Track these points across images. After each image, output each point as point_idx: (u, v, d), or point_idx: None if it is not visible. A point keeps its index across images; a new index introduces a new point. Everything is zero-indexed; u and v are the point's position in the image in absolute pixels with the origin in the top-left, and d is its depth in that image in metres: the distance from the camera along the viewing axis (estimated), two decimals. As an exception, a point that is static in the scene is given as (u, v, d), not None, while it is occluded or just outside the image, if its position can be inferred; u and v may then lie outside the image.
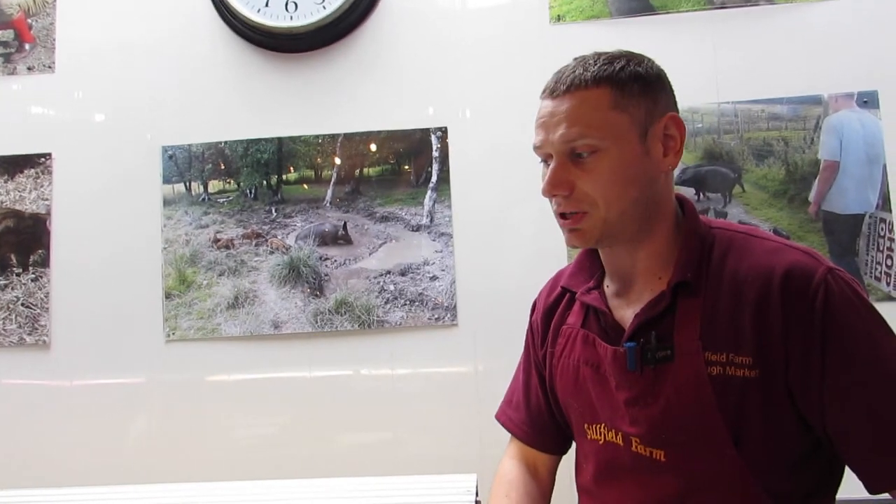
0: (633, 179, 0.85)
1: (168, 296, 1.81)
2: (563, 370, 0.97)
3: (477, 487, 1.01)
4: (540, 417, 1.05)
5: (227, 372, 1.80)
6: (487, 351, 1.76)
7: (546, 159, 0.89)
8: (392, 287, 1.79)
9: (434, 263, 1.79)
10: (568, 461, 1.10)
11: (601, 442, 0.92)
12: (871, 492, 0.80)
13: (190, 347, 1.80)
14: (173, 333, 1.80)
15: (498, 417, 1.12)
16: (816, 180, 1.72)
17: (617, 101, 0.85)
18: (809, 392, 0.80)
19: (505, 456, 1.11)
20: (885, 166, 1.70)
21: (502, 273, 1.78)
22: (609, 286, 0.94)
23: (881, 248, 1.69)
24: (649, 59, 0.91)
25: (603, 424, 0.91)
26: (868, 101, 1.72)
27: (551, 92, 0.88)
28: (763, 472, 0.81)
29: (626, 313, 0.90)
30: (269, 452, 1.76)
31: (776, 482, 0.82)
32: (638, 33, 1.79)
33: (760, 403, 0.81)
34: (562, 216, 0.88)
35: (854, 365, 0.78)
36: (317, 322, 1.79)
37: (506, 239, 1.79)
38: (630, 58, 0.89)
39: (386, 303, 1.79)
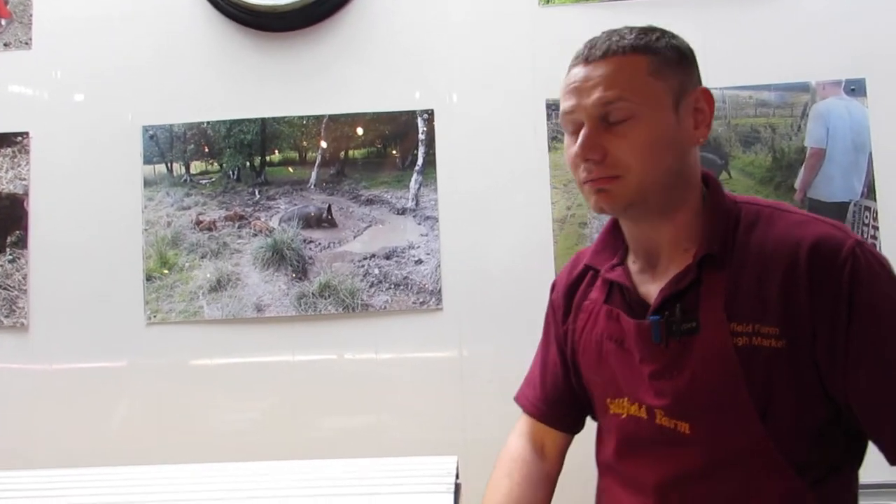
0: (668, 147, 0.85)
1: (149, 278, 1.79)
2: (585, 346, 0.97)
3: (458, 469, 1.01)
4: (554, 394, 1.05)
5: (209, 356, 1.78)
6: (472, 335, 1.76)
7: (575, 129, 0.87)
8: (377, 271, 1.78)
9: (419, 247, 1.78)
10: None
11: (623, 416, 0.91)
12: (892, 463, 0.82)
13: (171, 331, 1.78)
14: (154, 316, 1.78)
15: (516, 398, 1.11)
16: (802, 167, 1.73)
17: (654, 68, 0.85)
18: (835, 362, 0.80)
19: (513, 432, 1.10)
20: (870, 154, 1.71)
21: (488, 257, 1.77)
22: (634, 263, 0.94)
23: (865, 236, 1.70)
24: (680, 36, 0.91)
25: (626, 399, 0.91)
26: (855, 88, 1.72)
27: (585, 58, 0.87)
28: (787, 443, 0.82)
29: (651, 288, 0.90)
30: (252, 437, 1.75)
31: (800, 453, 0.83)
32: (627, 17, 1.78)
33: (786, 374, 0.81)
34: (591, 181, 0.87)
35: (880, 337, 0.79)
36: (300, 305, 1.77)
37: (492, 223, 1.78)
38: (664, 31, 0.89)
39: (370, 286, 1.77)
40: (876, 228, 1.68)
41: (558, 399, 1.05)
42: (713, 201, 0.89)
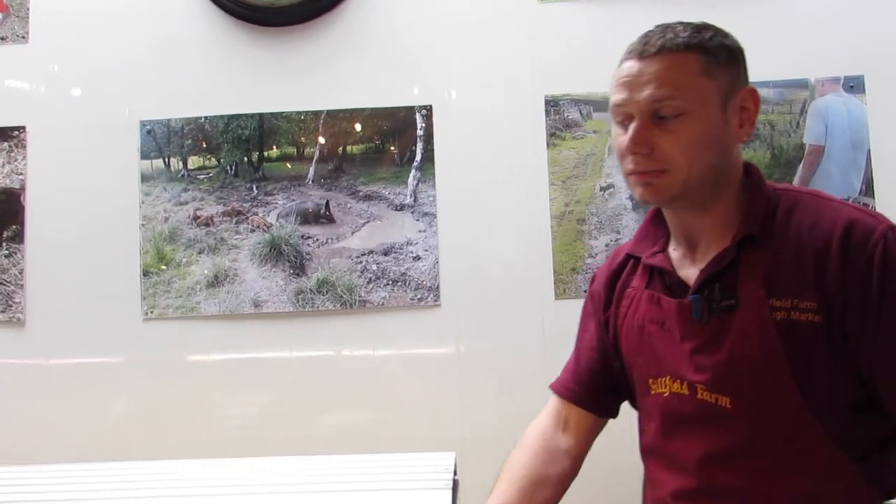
0: (713, 145, 0.87)
1: (146, 273, 1.78)
2: (627, 330, 1.00)
3: (456, 465, 1.01)
4: (588, 376, 1.07)
5: (206, 352, 1.78)
6: (470, 332, 1.76)
7: (624, 120, 0.90)
8: (375, 267, 1.78)
9: (417, 243, 1.78)
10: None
11: (666, 394, 0.93)
12: None
13: (169, 326, 1.78)
14: (151, 312, 1.78)
15: (551, 386, 1.13)
16: (801, 165, 1.72)
17: (706, 67, 0.87)
18: (862, 340, 0.82)
19: (540, 413, 1.12)
20: (869, 151, 1.71)
21: (486, 254, 1.77)
22: (675, 250, 0.97)
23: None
24: (731, 35, 0.93)
25: (668, 377, 0.93)
26: (854, 85, 1.72)
27: (639, 54, 0.89)
28: (827, 417, 0.84)
29: (691, 272, 0.93)
30: (250, 433, 1.74)
31: (841, 427, 0.84)
32: (626, 14, 1.78)
33: (824, 348, 0.83)
34: (637, 174, 0.90)
35: None
36: (298, 301, 1.77)
37: (490, 220, 1.78)
38: (717, 29, 0.91)
39: (368, 283, 1.77)
40: (874, 226, 1.69)
41: (591, 381, 1.07)
42: (753, 187, 0.92)
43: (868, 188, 1.70)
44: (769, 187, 0.92)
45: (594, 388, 1.06)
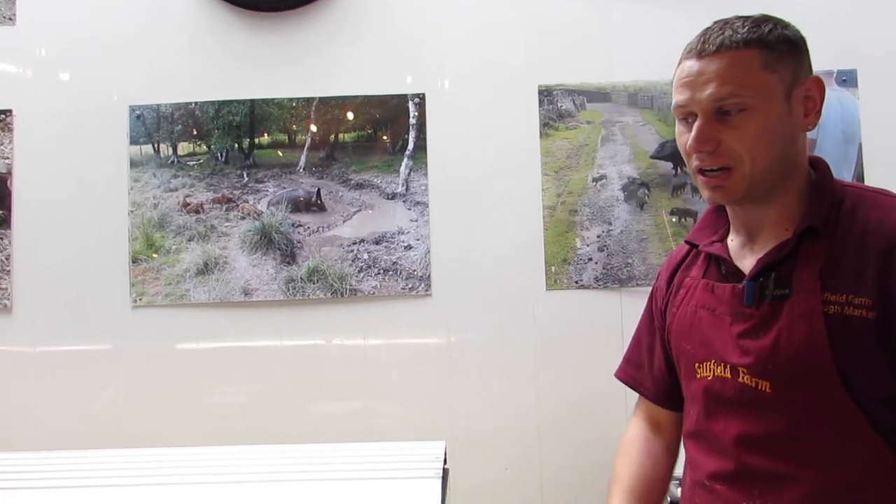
0: (778, 137, 0.88)
1: (135, 260, 1.77)
2: (680, 317, 1.01)
3: (446, 455, 1.01)
4: (661, 376, 1.10)
5: (196, 339, 1.77)
6: (461, 322, 1.76)
7: (686, 117, 0.91)
8: (366, 256, 1.77)
9: (409, 233, 1.77)
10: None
11: (710, 378, 0.95)
12: None
13: (158, 314, 1.77)
14: (140, 299, 1.76)
15: (617, 375, 1.15)
16: (793, 158, 1.73)
17: (767, 61, 0.87)
18: None
19: (632, 417, 1.15)
20: (860, 145, 1.71)
21: (478, 244, 1.77)
22: (733, 240, 0.98)
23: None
24: (792, 25, 0.93)
25: (713, 360, 0.94)
26: (847, 79, 1.72)
27: (699, 52, 0.89)
28: (871, 409, 0.85)
29: (749, 262, 0.94)
30: (239, 421, 1.74)
31: (886, 419, 0.85)
32: (626, 7, 1.77)
33: (874, 343, 0.84)
34: (702, 172, 0.90)
35: None
36: (288, 290, 1.76)
37: (482, 210, 1.77)
38: (776, 21, 0.92)
39: (359, 271, 1.76)
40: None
41: (666, 382, 1.10)
42: (820, 182, 0.92)
43: (859, 181, 1.71)
44: (836, 182, 0.93)
45: (673, 387, 1.08)
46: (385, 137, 1.80)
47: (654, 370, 1.10)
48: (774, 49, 0.88)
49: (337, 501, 0.86)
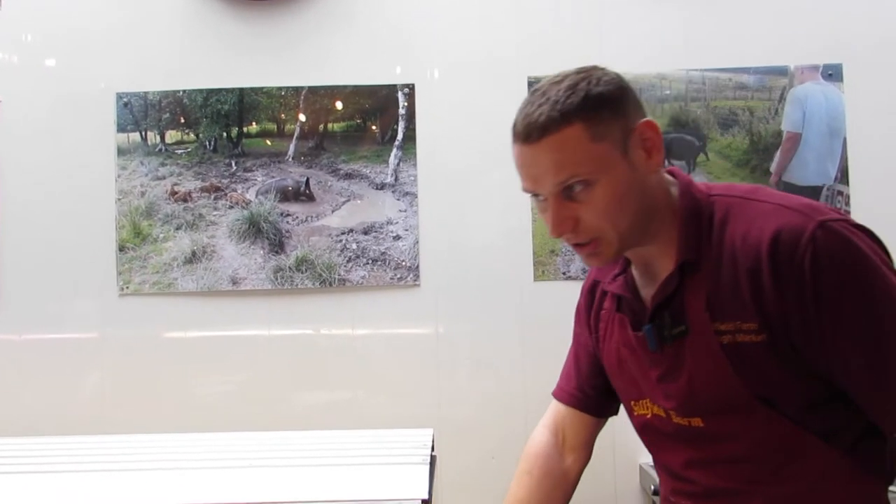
0: (630, 196, 0.87)
1: (122, 248, 1.76)
2: (607, 353, 1.02)
3: (433, 442, 1.01)
4: (588, 382, 1.09)
5: (183, 328, 1.76)
6: (449, 312, 1.76)
7: (536, 195, 0.90)
8: (354, 245, 1.77)
9: (398, 223, 1.77)
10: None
11: (648, 416, 0.96)
12: (888, 435, 0.86)
13: (145, 302, 1.76)
14: (127, 287, 1.76)
15: (553, 393, 1.13)
16: (778, 151, 1.75)
17: (593, 133, 0.85)
18: (811, 347, 0.83)
19: (539, 424, 1.13)
20: (845, 139, 1.73)
21: (466, 235, 1.77)
22: (636, 269, 0.98)
23: (837, 220, 1.72)
24: (606, 73, 0.89)
25: (648, 400, 0.96)
26: (833, 73, 1.74)
27: (525, 138, 0.86)
28: (805, 418, 0.85)
29: (650, 292, 0.94)
30: (227, 410, 1.74)
31: (823, 423, 0.85)
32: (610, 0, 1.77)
33: (775, 363, 0.84)
34: (576, 245, 0.90)
35: (849, 317, 0.81)
36: (277, 279, 1.76)
37: (471, 201, 1.78)
38: (589, 79, 0.87)
39: (348, 261, 1.76)
40: (848, 213, 1.71)
41: (590, 383, 1.08)
42: (684, 206, 0.91)
43: (843, 176, 1.73)
44: (701, 196, 0.91)
45: (594, 390, 1.08)
46: (374, 127, 1.79)
47: (582, 373, 1.09)
48: (596, 116, 0.85)
49: (325, 487, 0.87)
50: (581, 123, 0.84)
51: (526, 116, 0.87)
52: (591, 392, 1.07)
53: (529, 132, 0.86)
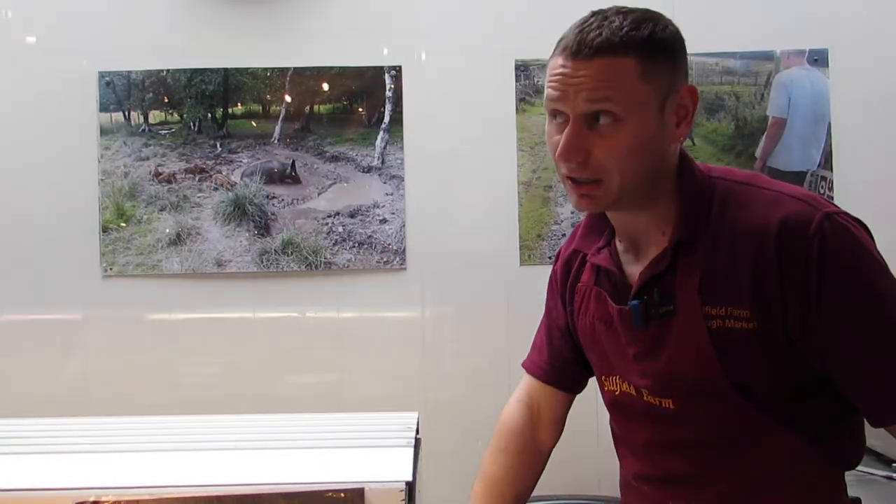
0: (648, 151, 0.85)
1: (105, 230, 1.74)
2: (581, 327, 1.01)
3: (418, 425, 1.01)
4: (559, 354, 1.08)
5: (167, 310, 1.75)
6: (435, 296, 1.77)
7: (556, 115, 0.87)
8: (340, 229, 1.76)
9: (384, 206, 1.77)
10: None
11: (617, 392, 0.96)
12: (873, 426, 0.86)
13: (129, 283, 1.75)
14: (110, 269, 1.74)
15: (523, 365, 1.12)
16: (764, 136, 1.75)
17: (644, 71, 0.83)
18: (810, 337, 0.83)
19: (511, 398, 1.13)
20: (829, 125, 1.74)
21: (453, 218, 1.77)
22: (620, 242, 0.96)
23: (820, 206, 1.74)
24: (670, 22, 0.88)
25: (618, 376, 0.95)
26: (818, 59, 1.75)
27: (574, 52, 0.84)
28: (775, 408, 0.86)
29: (635, 269, 0.93)
30: (212, 392, 1.74)
31: (791, 413, 0.86)
32: (599, -21, 1.76)
33: (759, 351, 0.84)
34: (571, 180, 0.87)
35: (851, 307, 0.82)
36: (262, 262, 1.75)
37: (458, 184, 1.78)
38: (656, 20, 0.86)
39: (334, 244, 1.76)
40: (831, 198, 1.73)
41: (563, 359, 1.08)
42: (685, 185, 0.90)
43: (827, 161, 1.74)
44: (703, 178, 0.90)
45: (567, 365, 1.07)
46: (361, 110, 1.78)
47: (554, 347, 1.08)
48: (652, 57, 0.83)
49: (309, 469, 0.87)
50: (636, 59, 0.82)
51: (582, 32, 0.84)
52: (563, 367, 1.07)
53: (581, 47, 0.83)
